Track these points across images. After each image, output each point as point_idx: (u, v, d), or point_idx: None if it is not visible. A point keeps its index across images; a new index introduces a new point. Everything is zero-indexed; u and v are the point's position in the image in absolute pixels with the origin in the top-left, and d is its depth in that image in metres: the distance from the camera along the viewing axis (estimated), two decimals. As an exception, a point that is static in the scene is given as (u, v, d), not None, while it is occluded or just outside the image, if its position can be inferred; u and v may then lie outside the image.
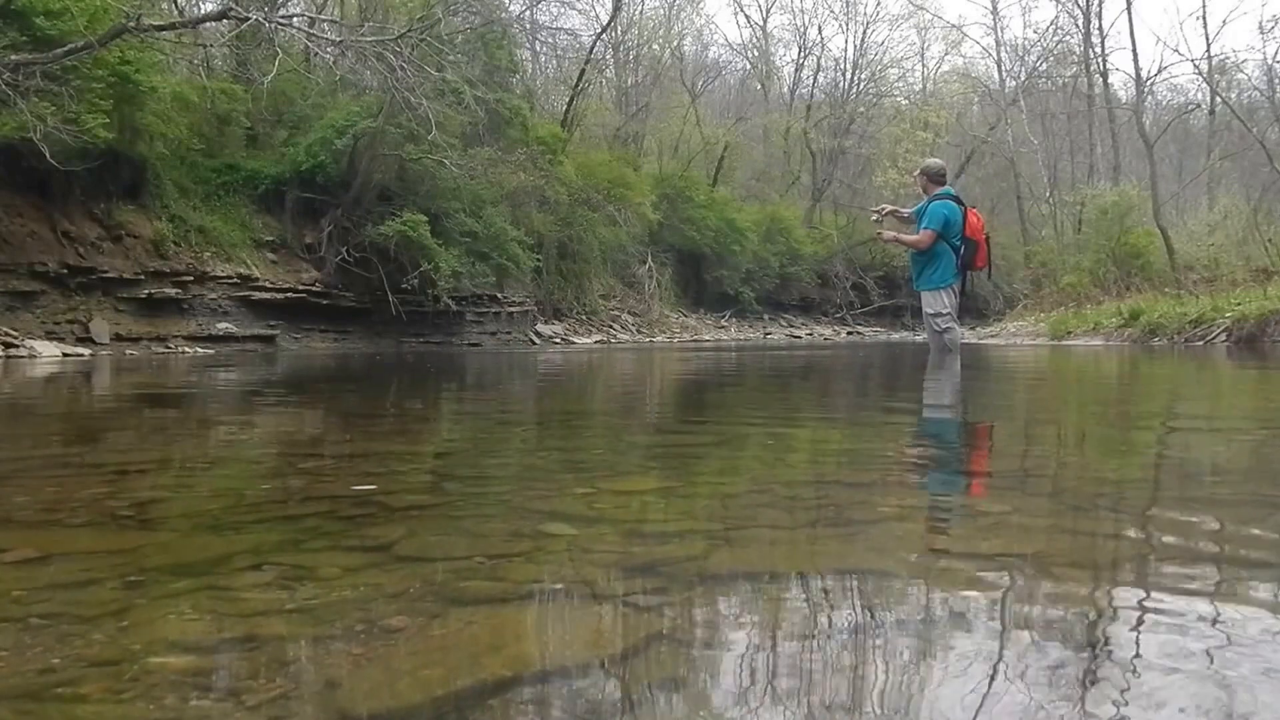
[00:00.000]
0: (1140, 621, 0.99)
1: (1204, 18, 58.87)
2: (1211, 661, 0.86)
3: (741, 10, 64.58)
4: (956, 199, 8.23)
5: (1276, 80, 27.15)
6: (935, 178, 8.28)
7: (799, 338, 26.50)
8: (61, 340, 11.67)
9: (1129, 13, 31.48)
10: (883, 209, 9.30)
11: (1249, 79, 30.14)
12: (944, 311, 8.13)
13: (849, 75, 38.76)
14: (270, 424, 3.57)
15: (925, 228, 7.93)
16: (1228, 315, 10.91)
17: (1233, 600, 1.06)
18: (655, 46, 33.82)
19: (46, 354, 10.65)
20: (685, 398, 5.14)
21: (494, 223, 17.10)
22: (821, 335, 28.28)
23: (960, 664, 0.87)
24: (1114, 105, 30.25)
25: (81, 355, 11.09)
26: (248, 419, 3.80)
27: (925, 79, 43.59)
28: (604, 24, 28.55)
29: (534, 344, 18.51)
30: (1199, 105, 31.84)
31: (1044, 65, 33.55)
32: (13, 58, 10.09)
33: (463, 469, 2.31)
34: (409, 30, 13.40)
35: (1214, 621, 0.97)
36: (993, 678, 0.84)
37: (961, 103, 40.04)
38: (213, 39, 14.18)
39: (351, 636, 0.95)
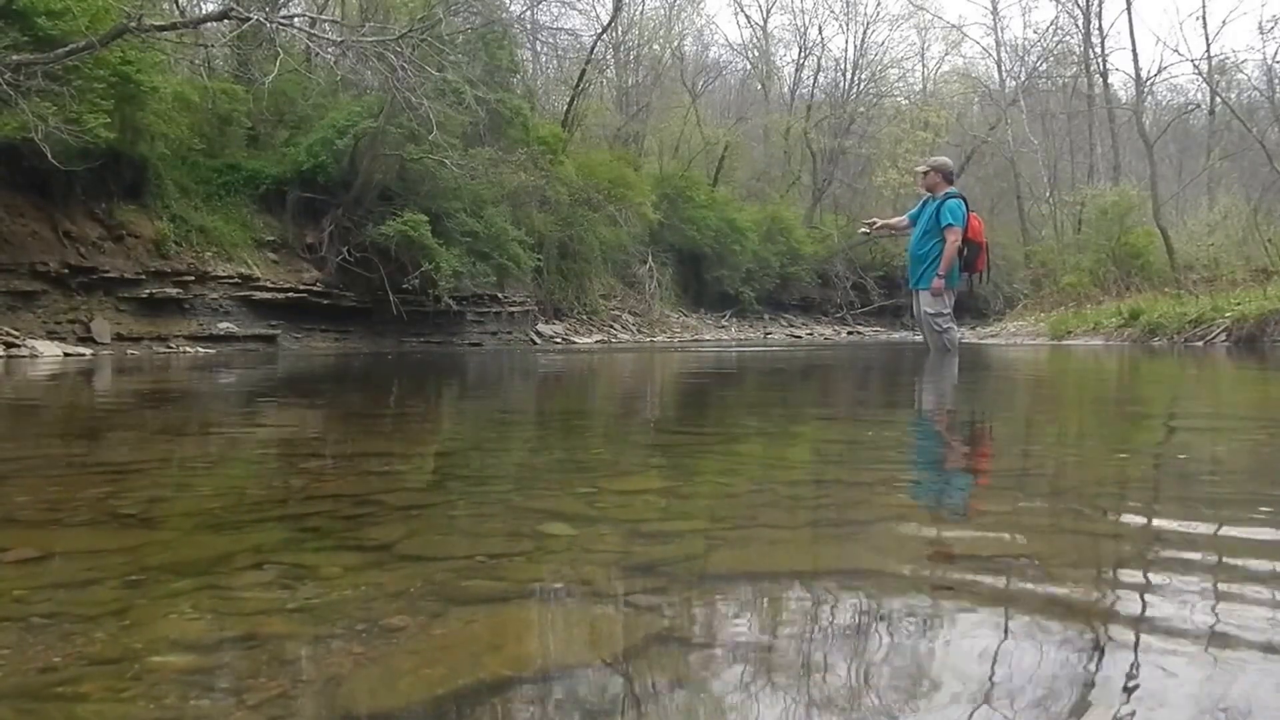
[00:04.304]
0: (1141, 622, 0.99)
1: (1204, 18, 58.89)
2: (1211, 661, 0.86)
3: (742, 10, 64.69)
4: (963, 199, 8.21)
5: (1276, 80, 27.15)
6: (948, 176, 8.24)
7: (799, 337, 26.48)
8: (63, 340, 11.67)
9: (1129, 13, 31.46)
10: (873, 222, 9.29)
11: (1249, 79, 30.18)
12: (944, 312, 8.12)
13: (849, 75, 38.80)
14: (272, 423, 3.57)
15: (951, 224, 7.87)
16: (1227, 315, 10.91)
17: (1234, 599, 1.06)
18: (656, 47, 33.85)
19: (48, 354, 10.66)
20: (686, 398, 5.14)
21: (495, 223, 17.10)
22: (822, 335, 28.27)
23: (961, 664, 0.87)
24: (1114, 105, 30.26)
25: (83, 355, 11.09)
26: (249, 418, 3.80)
27: (925, 79, 43.64)
28: (605, 24, 28.58)
29: (535, 344, 18.50)
30: (1199, 105, 31.86)
31: (1044, 65, 33.58)
32: (14, 58, 10.09)
33: (463, 468, 2.31)
34: (410, 30, 13.40)
35: (1215, 620, 0.98)
36: (992, 678, 0.84)
37: (961, 103, 40.05)
38: (214, 39, 14.17)
39: (352, 635, 0.95)
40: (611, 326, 23.09)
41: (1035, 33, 45.31)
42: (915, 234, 8.21)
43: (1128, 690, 0.81)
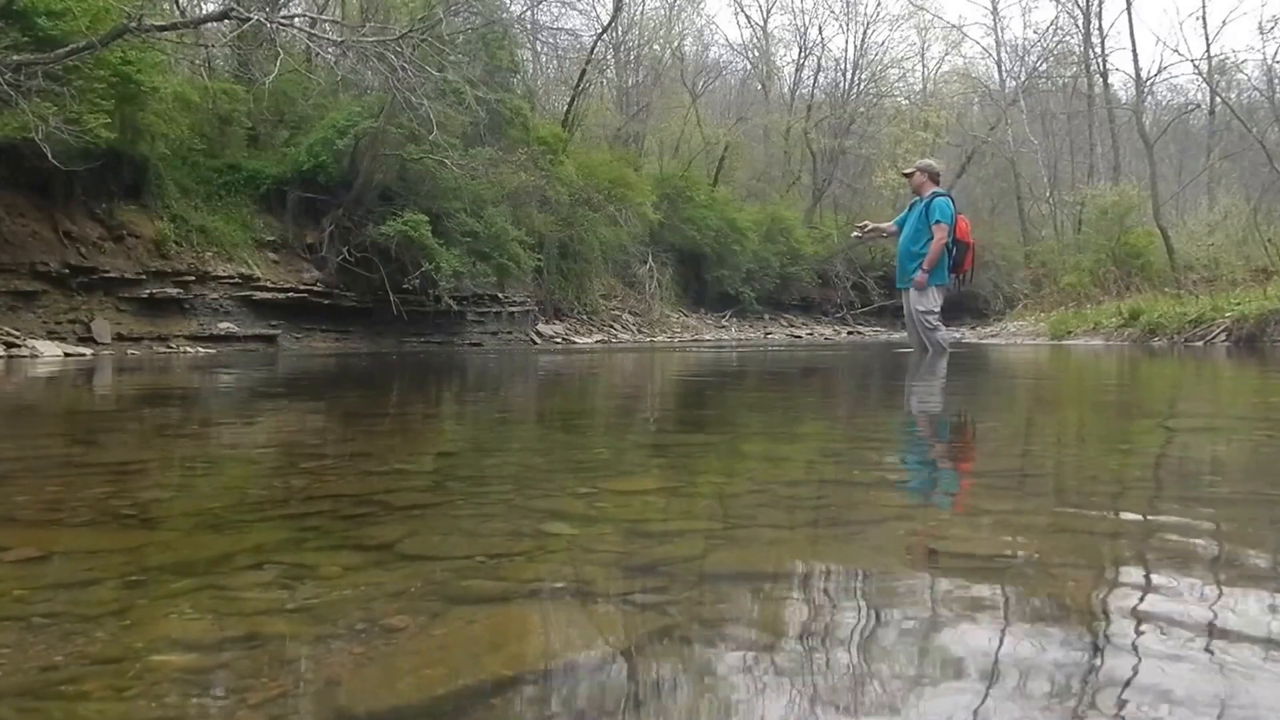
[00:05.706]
0: (1140, 621, 0.99)
1: (1204, 18, 58.89)
2: (1211, 660, 0.86)
3: (742, 10, 64.68)
4: (950, 198, 8.30)
5: (1276, 80, 27.17)
6: (934, 177, 8.38)
7: (799, 337, 26.47)
8: (63, 340, 11.67)
9: (1129, 13, 31.43)
10: (864, 225, 9.36)
11: (1249, 79, 30.20)
12: (935, 310, 8.16)
13: (849, 75, 38.79)
14: (272, 423, 3.57)
15: (939, 221, 7.93)
16: (1227, 315, 10.90)
17: (1233, 597, 1.06)
18: (656, 47, 33.84)
19: (48, 354, 10.66)
20: (686, 398, 5.14)
21: (495, 223, 17.10)
22: (822, 335, 28.26)
23: (960, 664, 0.87)
24: (1114, 105, 30.27)
25: (83, 355, 11.09)
26: (250, 418, 3.80)
27: (925, 79, 43.61)
28: (605, 24, 28.57)
29: (535, 344, 18.50)
30: (1199, 105, 31.90)
31: (1044, 65, 33.58)
32: (15, 58, 10.09)
33: (464, 468, 2.32)
34: (410, 30, 13.39)
35: (1213, 619, 0.98)
36: (993, 678, 0.84)
37: (961, 103, 40.03)
38: (214, 39, 14.18)
39: (352, 635, 0.95)
40: (612, 326, 23.08)
41: (1035, 33, 45.38)
42: (905, 233, 8.25)
43: (1129, 691, 0.81)
